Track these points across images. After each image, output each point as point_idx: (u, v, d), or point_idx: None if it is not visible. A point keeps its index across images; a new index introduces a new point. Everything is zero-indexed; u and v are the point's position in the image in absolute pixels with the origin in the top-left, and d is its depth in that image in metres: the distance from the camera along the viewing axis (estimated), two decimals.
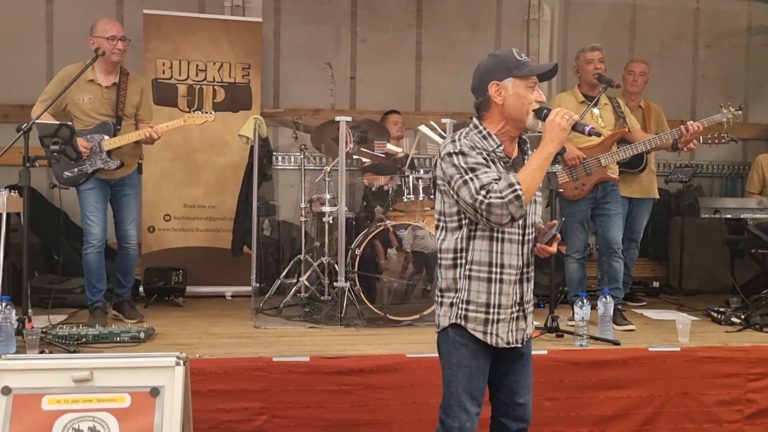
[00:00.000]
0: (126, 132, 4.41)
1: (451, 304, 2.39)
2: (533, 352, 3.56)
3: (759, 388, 3.79)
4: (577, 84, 4.78)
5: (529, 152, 2.47)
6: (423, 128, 5.46)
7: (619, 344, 3.88)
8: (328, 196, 4.99)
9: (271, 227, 5.98)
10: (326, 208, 4.96)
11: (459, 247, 2.37)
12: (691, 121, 4.45)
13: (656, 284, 6.23)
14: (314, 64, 6.10)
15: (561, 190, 4.49)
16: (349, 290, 4.52)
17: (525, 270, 2.42)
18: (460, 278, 2.38)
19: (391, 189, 4.86)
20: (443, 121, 4.78)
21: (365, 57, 6.53)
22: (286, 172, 6.43)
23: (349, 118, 4.66)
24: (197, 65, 5.81)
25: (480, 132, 2.37)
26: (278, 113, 6.18)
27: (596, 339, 3.93)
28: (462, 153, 2.29)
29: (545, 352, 3.67)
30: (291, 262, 5.27)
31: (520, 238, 2.38)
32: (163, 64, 5.73)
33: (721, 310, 4.70)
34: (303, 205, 5.27)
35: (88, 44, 4.36)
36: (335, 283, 4.59)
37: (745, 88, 7.02)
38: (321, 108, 6.26)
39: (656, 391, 3.70)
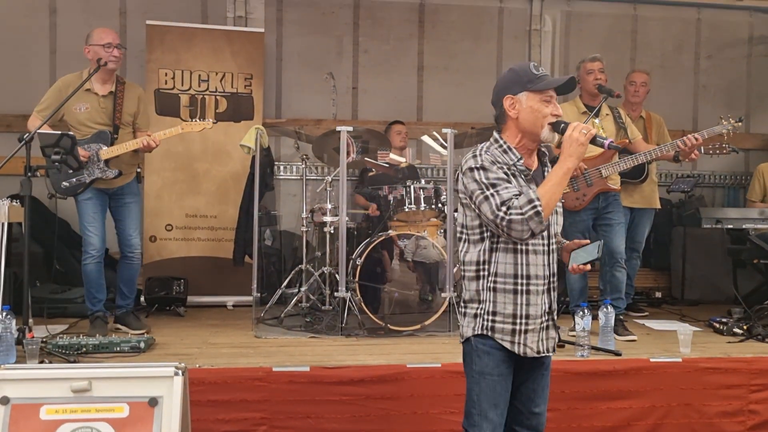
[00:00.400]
0: (123, 140, 4.39)
1: (475, 315, 2.41)
2: None
3: (761, 399, 3.77)
4: (579, 94, 4.79)
5: (549, 164, 2.49)
6: (425, 138, 5.48)
7: (620, 355, 3.87)
8: (329, 206, 5.00)
9: (273, 237, 5.99)
10: (327, 218, 4.97)
11: (482, 259, 2.39)
12: (690, 135, 4.45)
13: (658, 294, 6.22)
14: (316, 74, 6.12)
15: (562, 200, 4.47)
16: (350, 300, 4.52)
17: (551, 279, 2.45)
18: (483, 290, 2.40)
19: (393, 199, 4.87)
20: (444, 131, 4.78)
21: (367, 67, 6.55)
22: (288, 181, 6.44)
23: (350, 128, 4.67)
24: (199, 75, 5.83)
25: (501, 146, 2.40)
26: (280, 123, 6.20)
27: (597, 349, 3.92)
28: (483, 168, 2.32)
29: None
30: (292, 272, 5.27)
31: (545, 248, 2.41)
32: (166, 75, 5.75)
33: (724, 320, 4.68)
34: (304, 215, 5.28)
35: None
36: (336, 293, 4.59)
37: (746, 98, 7.03)
38: (323, 118, 6.28)
39: (658, 402, 3.69)
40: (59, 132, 4.01)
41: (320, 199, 5.32)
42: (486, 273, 2.38)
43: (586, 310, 3.92)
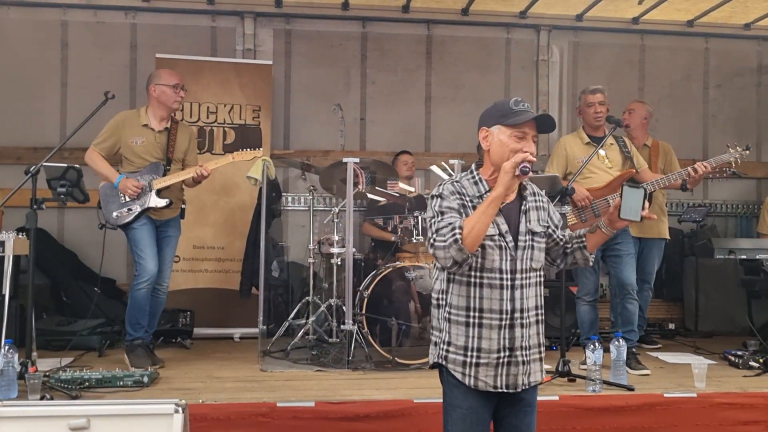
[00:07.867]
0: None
1: (435, 344, 2.45)
2: (543, 398, 3.48)
3: None
4: (582, 126, 4.76)
5: (530, 197, 2.45)
6: (434, 168, 5.47)
7: (633, 390, 3.79)
8: (336, 237, 4.97)
9: (280, 268, 5.95)
10: (335, 250, 4.94)
11: (442, 288, 2.42)
12: (699, 163, 4.41)
13: (672, 326, 6.13)
14: (324, 105, 6.15)
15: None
16: (356, 333, 4.47)
17: (519, 315, 2.35)
18: (441, 319, 2.42)
19: (401, 230, 4.83)
20: (452, 161, 4.77)
21: (375, 98, 6.57)
22: (295, 212, 6.42)
23: (357, 159, 4.66)
24: (208, 107, 5.87)
25: (473, 177, 2.44)
26: (288, 154, 6.20)
27: (609, 384, 3.84)
28: (440, 196, 2.37)
29: (557, 397, 3.58)
30: (299, 304, 5.23)
31: (504, 282, 2.34)
32: None
33: (739, 353, 4.58)
34: (312, 246, 5.25)
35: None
36: (343, 326, 4.54)
37: (756, 127, 6.97)
38: (331, 149, 6.29)
39: None
40: (65, 165, 4.03)
41: (328, 231, 5.29)
42: (443, 303, 2.41)
43: (597, 344, 3.84)
